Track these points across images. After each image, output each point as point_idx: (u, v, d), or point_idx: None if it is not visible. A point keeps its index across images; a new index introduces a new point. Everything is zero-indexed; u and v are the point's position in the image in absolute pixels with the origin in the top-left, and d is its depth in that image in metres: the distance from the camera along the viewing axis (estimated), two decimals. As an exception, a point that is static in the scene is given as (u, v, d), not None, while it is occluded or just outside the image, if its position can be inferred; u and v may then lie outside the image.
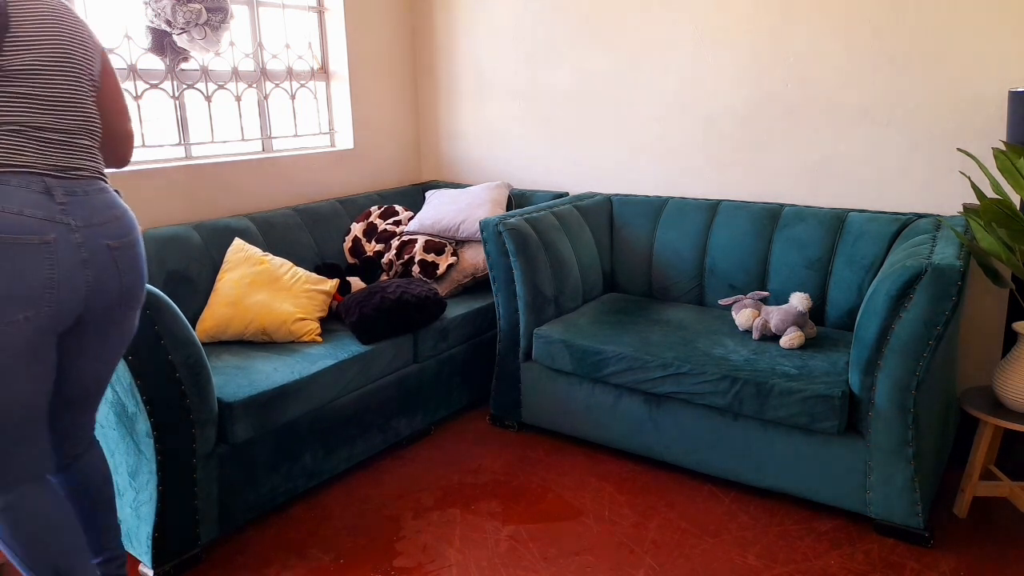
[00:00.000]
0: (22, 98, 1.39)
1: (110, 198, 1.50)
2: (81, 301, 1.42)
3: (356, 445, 2.44)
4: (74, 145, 1.46)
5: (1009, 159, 1.92)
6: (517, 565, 2.01)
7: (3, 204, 1.32)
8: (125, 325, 1.56)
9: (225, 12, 2.67)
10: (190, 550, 1.98)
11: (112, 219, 1.47)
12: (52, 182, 1.39)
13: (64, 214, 1.38)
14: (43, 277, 1.34)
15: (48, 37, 1.43)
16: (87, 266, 1.41)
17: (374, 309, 2.48)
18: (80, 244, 1.40)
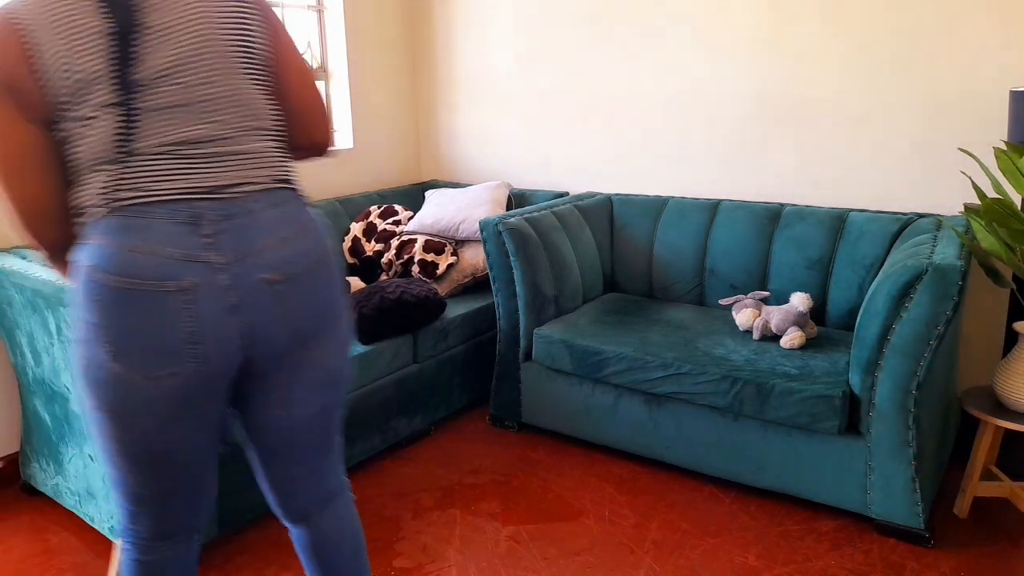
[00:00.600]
0: (165, 112, 1.14)
1: (284, 213, 1.21)
2: (238, 352, 1.17)
3: (356, 445, 2.43)
4: (239, 153, 1.19)
5: (1010, 159, 1.92)
6: (517, 565, 2.01)
7: (136, 241, 1.10)
8: (317, 363, 1.27)
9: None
10: (189, 550, 1.97)
11: (277, 243, 1.18)
12: (203, 207, 1.13)
13: (209, 248, 1.12)
14: (183, 331, 1.11)
15: (189, 29, 1.16)
16: (237, 312, 1.14)
17: (374, 309, 2.47)
18: (227, 287, 1.13)
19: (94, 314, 1.11)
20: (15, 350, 2.20)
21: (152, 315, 1.10)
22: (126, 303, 1.10)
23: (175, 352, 1.12)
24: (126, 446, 1.20)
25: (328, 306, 1.27)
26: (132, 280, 1.09)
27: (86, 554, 2.07)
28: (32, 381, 2.17)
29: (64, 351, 1.96)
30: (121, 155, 1.12)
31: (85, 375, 1.17)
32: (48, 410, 2.14)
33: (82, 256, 1.13)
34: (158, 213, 1.11)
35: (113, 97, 1.11)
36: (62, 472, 2.16)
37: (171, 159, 1.14)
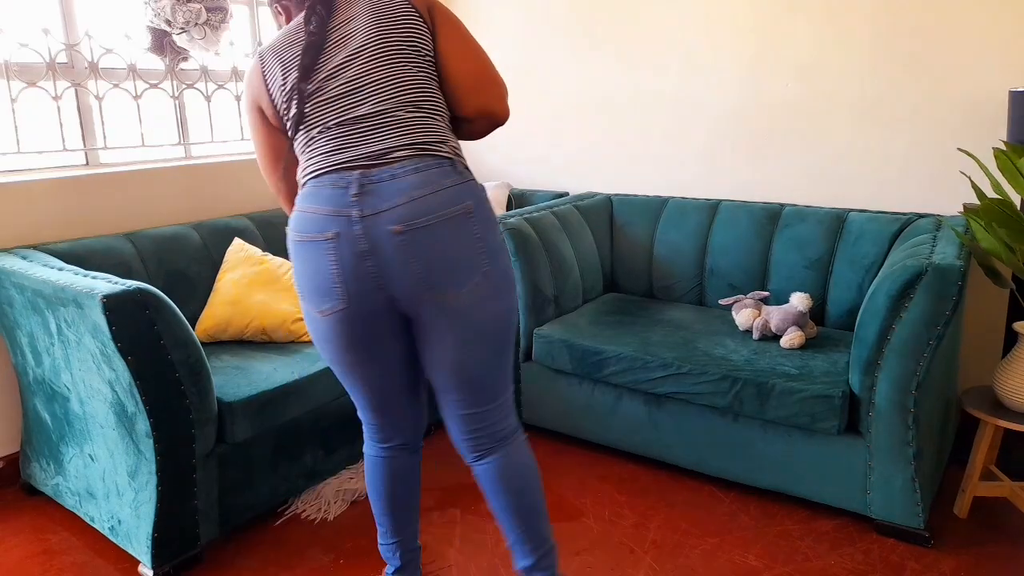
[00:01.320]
0: (335, 100, 1.42)
1: (424, 177, 1.39)
2: (376, 291, 1.40)
3: (356, 445, 2.43)
4: (395, 126, 1.41)
5: (1009, 159, 1.92)
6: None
7: (311, 205, 1.40)
8: (455, 313, 1.43)
9: (225, 12, 2.67)
10: (190, 550, 1.98)
11: (408, 201, 1.36)
12: (356, 175, 1.38)
13: (352, 206, 1.37)
14: (330, 272, 1.38)
15: (358, 30, 1.43)
16: (367, 256, 1.37)
17: (374, 309, 2.47)
18: (360, 235, 1.36)
19: (293, 264, 1.46)
20: (15, 350, 2.20)
21: (312, 261, 1.41)
22: (300, 253, 1.43)
23: (327, 290, 1.40)
24: (333, 368, 1.54)
25: (458, 256, 1.41)
26: (303, 234, 1.41)
27: (86, 554, 2.07)
28: (32, 381, 2.17)
29: (64, 351, 1.97)
30: (309, 140, 1.45)
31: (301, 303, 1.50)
32: (48, 410, 2.14)
33: (290, 220, 1.48)
34: (326, 182, 1.40)
35: (302, 97, 1.43)
36: (62, 472, 2.16)
37: (336, 138, 1.42)
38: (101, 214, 2.50)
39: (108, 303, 1.72)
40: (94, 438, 2.00)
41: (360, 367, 1.50)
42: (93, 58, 2.51)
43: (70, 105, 2.52)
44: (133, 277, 2.27)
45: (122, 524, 1.98)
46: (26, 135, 2.39)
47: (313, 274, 1.41)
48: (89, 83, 2.53)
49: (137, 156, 2.73)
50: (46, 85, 2.42)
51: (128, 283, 1.80)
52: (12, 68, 2.34)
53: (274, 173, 1.57)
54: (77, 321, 1.85)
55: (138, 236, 2.49)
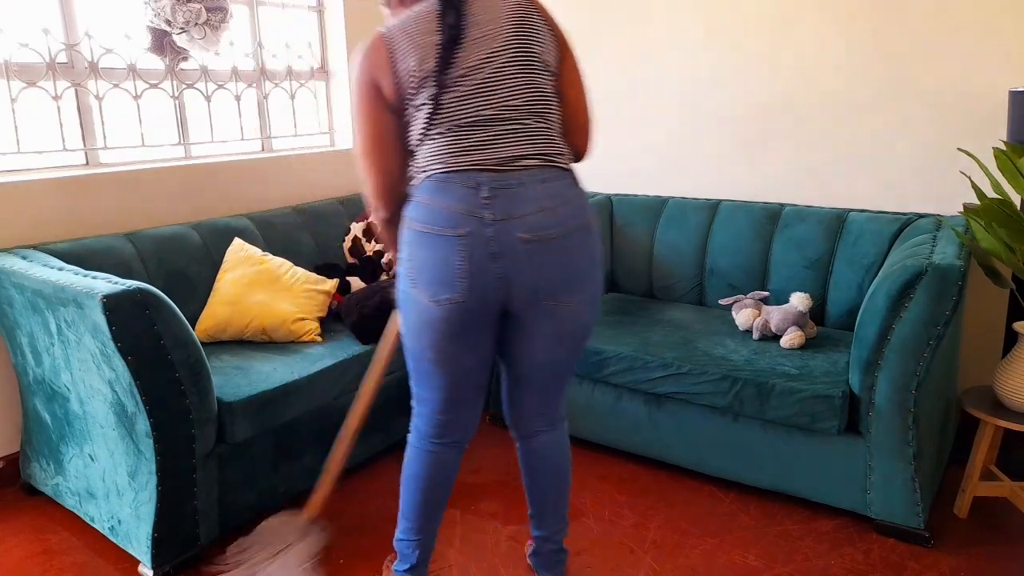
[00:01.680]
0: (467, 99, 1.46)
1: (550, 188, 1.48)
2: (496, 291, 1.47)
3: (356, 445, 2.43)
4: (522, 133, 1.48)
5: (1009, 159, 1.92)
6: (517, 565, 2.01)
7: (440, 200, 1.45)
8: (564, 317, 1.54)
9: (225, 11, 2.67)
10: (190, 550, 1.98)
11: (537, 211, 1.45)
12: (486, 178, 1.44)
13: (484, 208, 1.43)
14: (456, 266, 1.44)
15: (496, 36, 1.48)
16: (496, 259, 1.44)
17: (374, 309, 2.47)
18: (491, 238, 1.43)
19: (404, 252, 1.51)
20: (15, 350, 2.20)
21: (439, 252, 1.45)
22: (424, 243, 1.47)
23: (448, 282, 1.45)
24: (417, 356, 1.58)
25: (576, 268, 1.52)
26: (431, 226, 1.45)
27: (86, 554, 2.07)
28: (32, 381, 2.17)
29: (64, 351, 1.97)
30: (436, 135, 1.48)
31: (399, 300, 1.56)
32: (48, 410, 2.14)
33: (407, 210, 1.52)
34: (454, 180, 1.45)
35: (435, 90, 1.45)
36: (62, 472, 2.16)
37: (467, 138, 1.46)
38: (101, 214, 2.50)
39: (108, 303, 1.72)
40: (94, 438, 2.00)
41: (453, 359, 1.55)
42: (93, 58, 2.51)
43: (70, 105, 2.52)
44: (133, 277, 2.26)
45: (122, 524, 1.98)
46: (26, 135, 2.39)
47: (438, 265, 1.45)
48: (89, 83, 2.53)
49: (137, 156, 2.73)
50: (46, 85, 2.42)
51: (128, 283, 1.80)
52: (12, 68, 2.34)
53: (375, 152, 1.55)
54: (77, 321, 1.85)
55: (138, 236, 2.49)
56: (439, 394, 1.62)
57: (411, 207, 1.51)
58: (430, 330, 1.51)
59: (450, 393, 1.61)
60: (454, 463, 1.74)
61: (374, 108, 1.52)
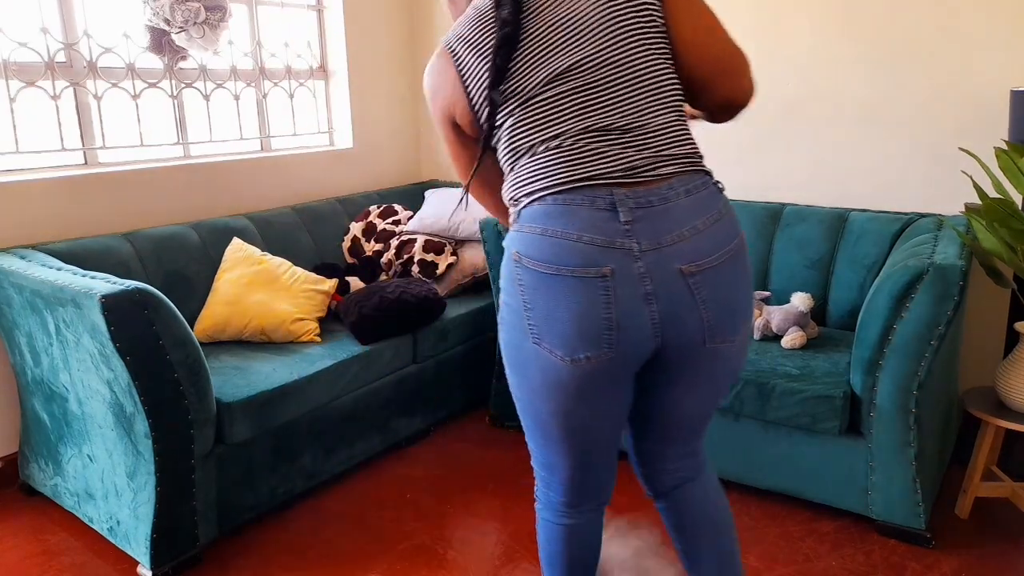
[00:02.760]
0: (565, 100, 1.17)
1: (698, 201, 1.18)
2: (649, 339, 1.18)
3: (355, 446, 2.43)
4: (651, 132, 1.18)
5: (1011, 158, 1.91)
6: (517, 566, 2.00)
7: (565, 228, 1.13)
8: (720, 359, 1.25)
9: (224, 10, 2.66)
10: (189, 551, 1.97)
11: (691, 233, 1.16)
12: (621, 194, 1.14)
13: (628, 236, 1.13)
14: (600, 317, 1.14)
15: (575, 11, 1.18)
16: (651, 300, 1.14)
17: (373, 309, 2.47)
18: (643, 275, 1.13)
19: (517, 297, 1.19)
20: (14, 350, 2.19)
21: (575, 300, 1.14)
22: (548, 288, 1.15)
23: (593, 337, 1.15)
24: (541, 420, 1.29)
25: (739, 302, 1.24)
26: (558, 266, 1.14)
27: (85, 554, 2.07)
28: (31, 381, 2.16)
29: (63, 351, 1.96)
30: (540, 143, 1.19)
31: (508, 353, 1.27)
32: (47, 410, 2.14)
33: (508, 241, 1.22)
34: (576, 200, 1.15)
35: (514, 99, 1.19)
36: (61, 472, 2.15)
37: (586, 145, 1.16)
38: (100, 214, 2.50)
39: (107, 303, 1.71)
40: (93, 438, 2.00)
41: (588, 421, 1.27)
42: (92, 57, 2.50)
43: (69, 104, 2.52)
44: (132, 277, 2.26)
45: (121, 525, 1.97)
46: (24, 135, 2.38)
47: (574, 316, 1.14)
48: (88, 82, 2.52)
49: (136, 156, 2.72)
50: (44, 84, 2.41)
51: (127, 283, 1.79)
52: (10, 67, 2.33)
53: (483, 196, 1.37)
54: (76, 321, 1.84)
55: (137, 236, 2.48)
56: (570, 460, 1.32)
57: (517, 239, 1.20)
58: (560, 393, 1.21)
59: (584, 457, 1.32)
60: (597, 529, 1.45)
61: (457, 140, 1.30)
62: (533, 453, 1.39)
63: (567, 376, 1.19)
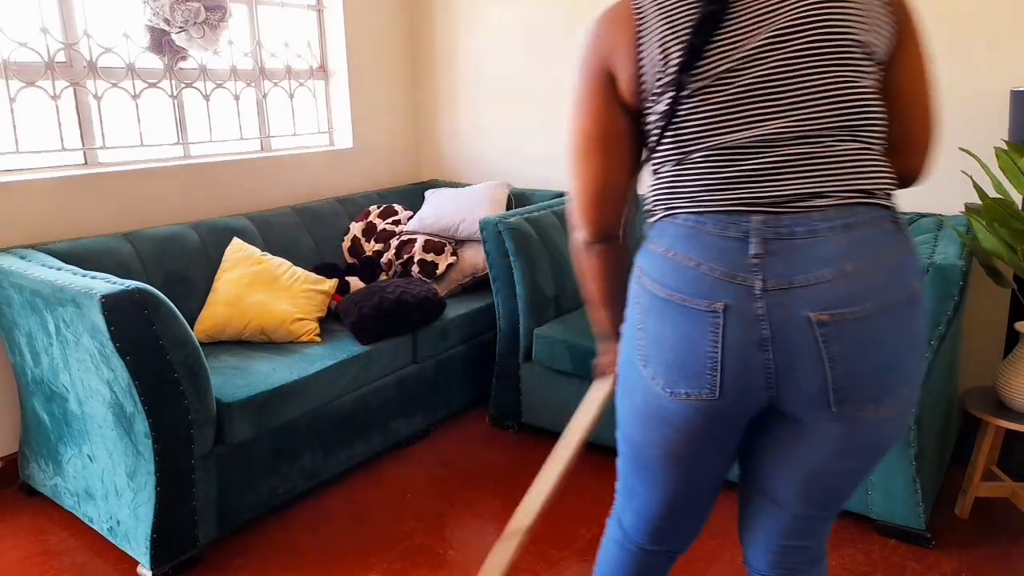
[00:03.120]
0: (733, 103, 1.00)
1: (859, 238, 0.98)
2: (761, 390, 1.01)
3: (355, 446, 2.43)
4: (818, 157, 0.99)
5: (1011, 158, 1.91)
6: (517, 566, 2.00)
7: (685, 252, 1.02)
8: (859, 429, 1.03)
9: (224, 10, 2.66)
10: (189, 551, 1.97)
11: (837, 276, 0.96)
12: (758, 222, 0.98)
13: (753, 271, 0.97)
14: (705, 354, 1.01)
15: (785, 10, 0.99)
16: (766, 348, 0.98)
17: (373, 309, 2.47)
18: (759, 317, 0.97)
19: (635, 316, 1.10)
20: (14, 350, 2.19)
21: (681, 330, 1.02)
22: (661, 312, 1.04)
23: (694, 374, 1.02)
24: (634, 444, 1.21)
25: (894, 364, 1.00)
26: (670, 291, 1.03)
27: (85, 555, 2.07)
28: (31, 381, 2.16)
29: (63, 351, 1.96)
30: (683, 155, 1.04)
31: (620, 366, 1.19)
32: (47, 410, 2.14)
33: (639, 258, 1.11)
34: (708, 224, 1.01)
35: (690, 89, 1.01)
36: (61, 472, 2.16)
37: (730, 164, 1.01)
38: (100, 214, 2.50)
39: (107, 303, 1.71)
40: (93, 438, 2.00)
41: (685, 463, 1.15)
42: (92, 57, 2.50)
43: (69, 104, 2.52)
44: (132, 277, 2.26)
45: (121, 525, 1.98)
46: (24, 135, 2.38)
47: (679, 347, 1.03)
48: (88, 82, 2.52)
49: (136, 156, 2.72)
50: (44, 84, 2.41)
51: (127, 283, 1.79)
52: (10, 67, 2.33)
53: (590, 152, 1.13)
54: (76, 321, 1.84)
55: (137, 236, 2.48)
56: (659, 495, 1.22)
57: (643, 254, 1.10)
58: (659, 424, 1.10)
59: (675, 496, 1.21)
60: (663, 572, 1.35)
61: (600, 100, 1.11)
62: (619, 475, 1.33)
63: (666, 408, 1.07)
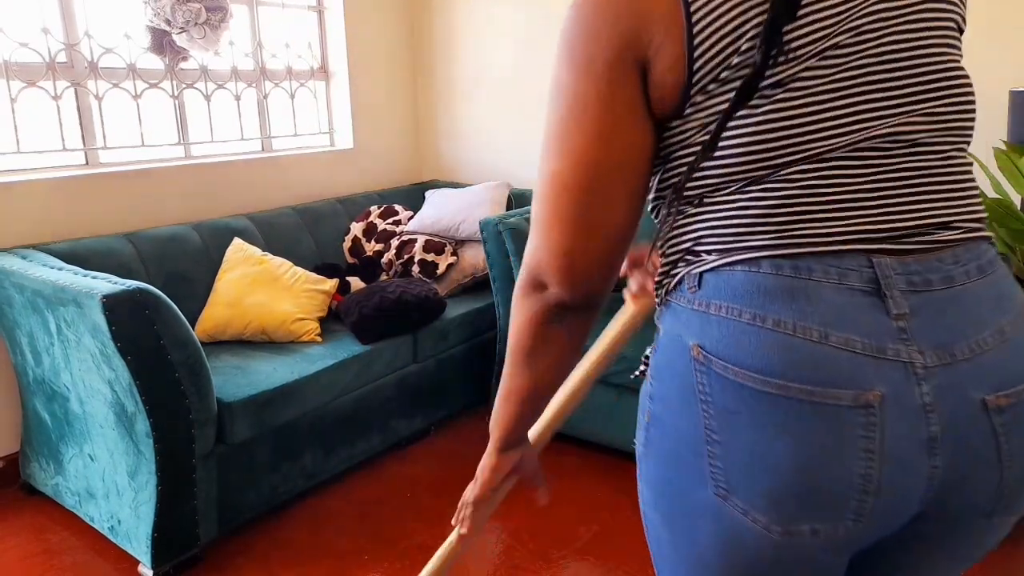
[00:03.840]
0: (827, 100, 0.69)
1: (995, 285, 0.73)
2: (914, 505, 0.71)
3: (356, 445, 2.43)
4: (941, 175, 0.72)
5: (1009, 158, 1.92)
6: (517, 565, 2.01)
7: (799, 318, 0.67)
8: (997, 532, 0.79)
9: (224, 11, 2.67)
10: (189, 550, 1.98)
11: (998, 341, 0.70)
12: (887, 266, 0.69)
13: (904, 340, 0.67)
14: (852, 471, 0.67)
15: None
16: (935, 450, 0.68)
17: (374, 309, 2.47)
18: (928, 407, 0.68)
19: (691, 416, 0.72)
20: (15, 350, 2.20)
21: (806, 439, 0.67)
22: (760, 413, 0.68)
23: (831, 501, 0.69)
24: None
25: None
26: (782, 381, 0.67)
27: (86, 554, 2.07)
28: (32, 381, 2.17)
29: (64, 351, 1.96)
30: (759, 170, 0.70)
31: (660, 497, 0.79)
32: (48, 410, 2.14)
33: (677, 325, 0.75)
34: (817, 272, 0.68)
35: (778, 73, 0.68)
36: (62, 472, 2.16)
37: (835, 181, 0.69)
38: (101, 214, 2.50)
39: (108, 303, 1.72)
40: (94, 438, 2.00)
41: None
42: (93, 58, 2.51)
43: (70, 105, 2.52)
44: (133, 277, 2.26)
45: (122, 524, 1.98)
46: (26, 135, 2.39)
47: (803, 466, 0.68)
48: (89, 83, 2.53)
49: (137, 156, 2.73)
50: (46, 85, 2.42)
51: (128, 283, 1.80)
52: (12, 68, 2.33)
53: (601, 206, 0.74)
54: (77, 321, 1.85)
55: (138, 236, 2.49)
56: None
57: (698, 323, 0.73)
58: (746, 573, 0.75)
59: None
60: None
61: (619, 108, 0.72)
62: None
63: (768, 554, 0.72)
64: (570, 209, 0.74)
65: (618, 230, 0.76)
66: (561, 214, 0.75)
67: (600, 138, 0.72)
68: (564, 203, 0.74)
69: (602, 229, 0.75)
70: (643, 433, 0.81)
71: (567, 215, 0.74)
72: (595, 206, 0.74)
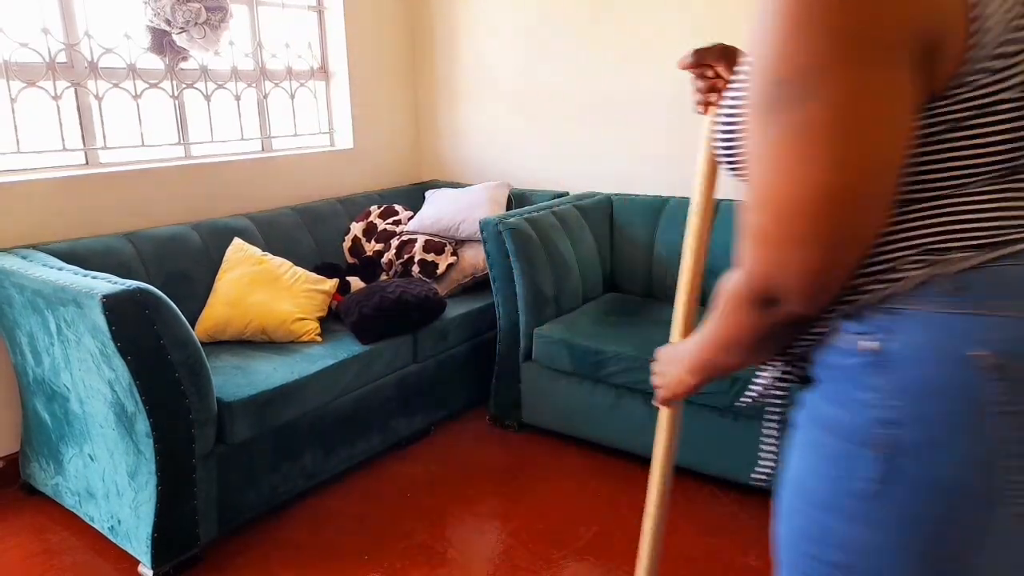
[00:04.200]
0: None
1: None
2: None
3: (356, 445, 2.43)
4: None
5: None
6: (517, 565, 2.01)
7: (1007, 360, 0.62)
8: None
9: (224, 11, 2.67)
10: (189, 550, 1.98)
11: None
12: None
13: None
14: None
15: None
16: None
17: (374, 309, 2.47)
18: None
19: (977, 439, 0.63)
20: (15, 350, 2.20)
21: None
22: None
23: None
24: None
25: None
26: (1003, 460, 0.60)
27: (86, 554, 2.07)
28: (32, 381, 2.17)
29: (64, 351, 1.96)
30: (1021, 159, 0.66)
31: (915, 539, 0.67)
32: (48, 410, 2.14)
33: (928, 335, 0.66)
34: None
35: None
36: (62, 472, 2.16)
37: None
38: (101, 214, 2.50)
39: (108, 303, 1.72)
40: (94, 438, 2.00)
41: None
42: (93, 58, 2.51)
43: (70, 105, 2.52)
44: (133, 277, 2.26)
45: (122, 524, 1.98)
46: (26, 135, 2.39)
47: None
48: (89, 83, 2.53)
49: (137, 156, 2.73)
50: (46, 85, 2.42)
51: (128, 283, 1.80)
52: (12, 68, 2.33)
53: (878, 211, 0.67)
54: (77, 321, 1.85)
55: (138, 236, 2.49)
56: None
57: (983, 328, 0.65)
58: None
59: None
60: None
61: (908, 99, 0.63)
62: None
63: None
64: (840, 224, 0.65)
65: (877, 237, 0.68)
66: (821, 229, 0.65)
67: (889, 134, 0.63)
68: (835, 218, 0.64)
69: (867, 240, 0.67)
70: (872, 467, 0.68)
71: (831, 231, 0.65)
72: (871, 213, 0.65)
